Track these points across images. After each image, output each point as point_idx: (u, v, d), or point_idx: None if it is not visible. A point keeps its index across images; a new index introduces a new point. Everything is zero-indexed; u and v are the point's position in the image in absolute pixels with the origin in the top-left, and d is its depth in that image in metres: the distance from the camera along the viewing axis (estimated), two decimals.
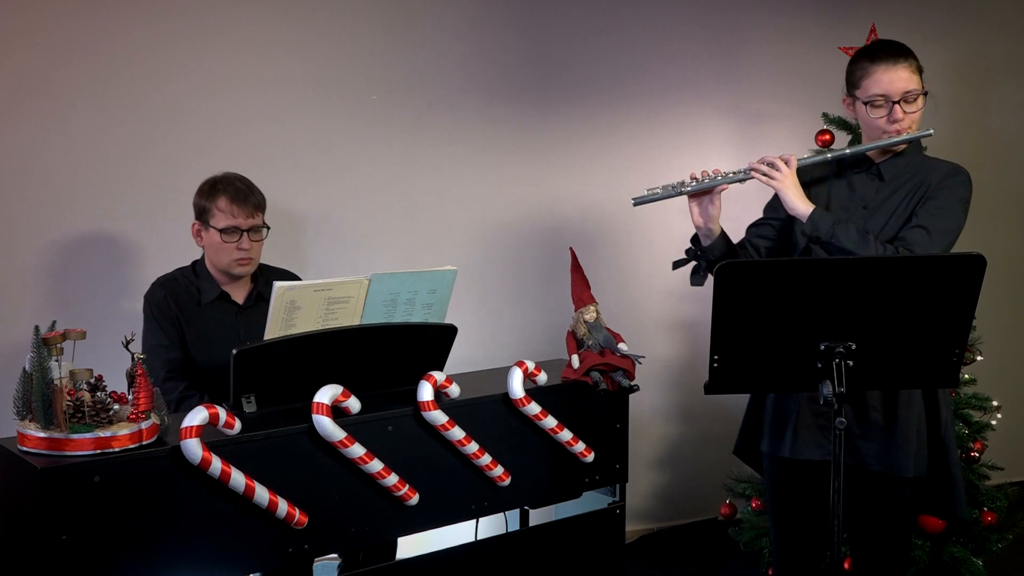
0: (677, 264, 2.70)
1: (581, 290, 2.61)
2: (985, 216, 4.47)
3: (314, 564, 2.83)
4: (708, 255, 2.62)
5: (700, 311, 4.09)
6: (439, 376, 2.28)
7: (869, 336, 2.12)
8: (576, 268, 2.63)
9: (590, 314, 2.57)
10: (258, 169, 3.02)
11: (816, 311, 2.11)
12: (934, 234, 2.40)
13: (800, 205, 2.47)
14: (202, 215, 2.86)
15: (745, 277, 2.09)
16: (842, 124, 3.63)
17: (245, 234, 2.83)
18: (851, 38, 3.68)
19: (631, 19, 4.06)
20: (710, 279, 2.65)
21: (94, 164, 3.29)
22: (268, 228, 2.90)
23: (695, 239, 2.66)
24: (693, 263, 2.67)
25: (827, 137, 3.66)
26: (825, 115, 3.67)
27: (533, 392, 2.41)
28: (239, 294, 2.92)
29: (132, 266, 3.36)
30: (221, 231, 2.81)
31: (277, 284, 2.27)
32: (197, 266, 2.94)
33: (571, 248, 2.69)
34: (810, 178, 2.62)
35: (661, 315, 4.19)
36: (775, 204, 2.67)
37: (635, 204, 2.63)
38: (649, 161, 4.10)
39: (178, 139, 3.39)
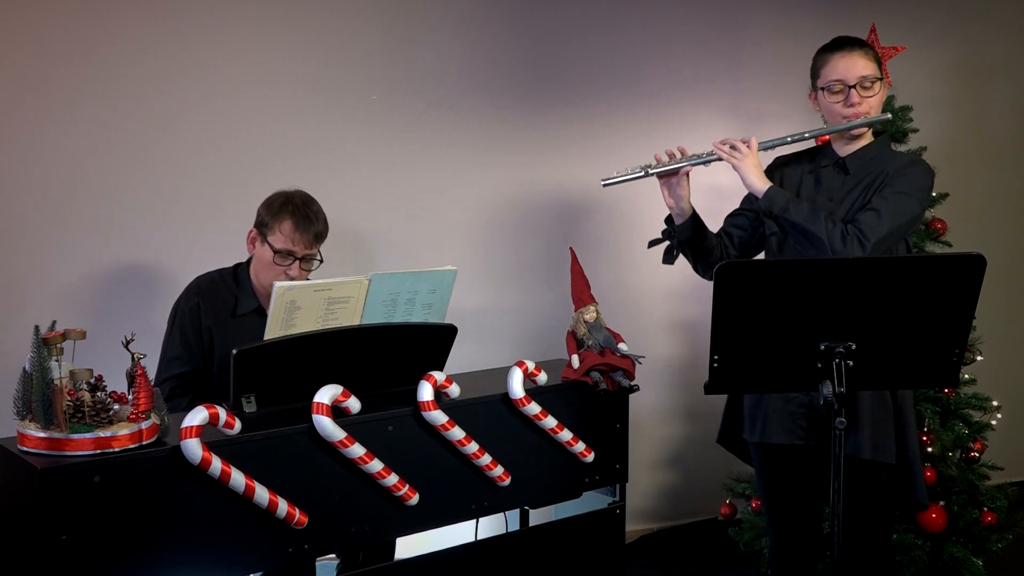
0: (652, 243, 2.80)
1: (581, 290, 2.61)
2: (985, 216, 4.50)
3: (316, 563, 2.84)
4: (679, 235, 2.71)
5: (700, 311, 4.09)
6: (439, 376, 2.28)
7: (869, 336, 2.12)
8: (576, 268, 2.63)
9: (590, 314, 2.57)
10: (258, 170, 3.03)
11: (816, 311, 2.11)
12: (884, 216, 2.47)
13: (757, 183, 2.58)
14: (262, 228, 2.80)
15: (745, 277, 2.09)
16: None
17: (297, 262, 2.78)
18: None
19: (631, 19, 4.06)
20: (683, 261, 2.79)
21: (94, 164, 3.29)
22: (321, 261, 2.85)
23: (669, 219, 2.75)
24: (666, 242, 2.76)
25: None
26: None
27: (533, 392, 2.41)
28: None
29: (133, 266, 3.36)
30: (276, 251, 2.77)
31: (277, 284, 2.27)
32: (239, 271, 2.89)
33: (571, 248, 2.69)
34: (785, 163, 2.74)
35: (661, 315, 4.19)
36: (751, 195, 2.75)
37: (604, 185, 2.74)
38: (649, 161, 4.10)
39: (178, 139, 3.39)
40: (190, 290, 2.84)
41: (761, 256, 2.82)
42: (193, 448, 1.92)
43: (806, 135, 2.69)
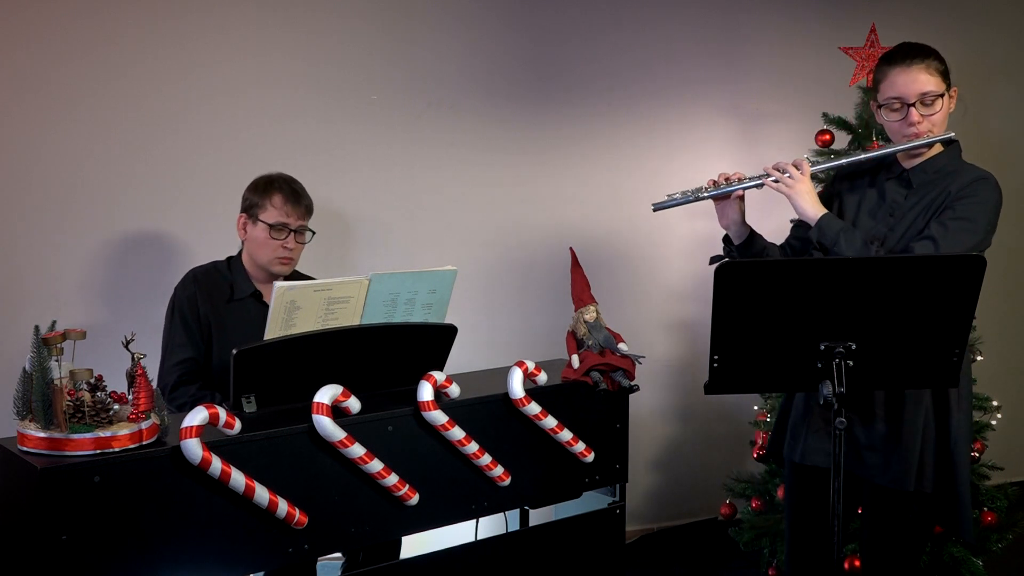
0: (714, 260, 2.65)
1: (581, 290, 2.61)
2: None
3: (317, 564, 2.84)
4: (740, 254, 2.62)
5: (700, 311, 4.09)
6: (439, 376, 2.28)
7: (869, 336, 2.12)
8: (576, 268, 2.63)
9: (590, 314, 2.57)
10: (258, 169, 3.03)
11: (816, 311, 2.11)
12: (941, 246, 2.33)
13: (810, 210, 2.45)
14: (251, 209, 2.88)
15: (745, 277, 2.09)
16: (842, 124, 3.63)
17: (292, 233, 2.86)
18: (851, 38, 3.68)
19: (631, 19, 4.06)
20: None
21: (94, 164, 3.29)
22: (313, 233, 2.93)
23: (727, 239, 2.66)
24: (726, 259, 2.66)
25: (827, 137, 3.66)
26: (825, 115, 3.66)
27: (533, 392, 2.41)
28: (270, 294, 2.87)
29: (133, 266, 3.36)
30: (271, 226, 2.84)
31: (277, 284, 2.27)
32: (232, 261, 2.94)
33: (571, 248, 2.69)
34: (843, 188, 2.60)
35: (661, 315, 4.19)
36: None
37: (655, 210, 2.64)
38: (649, 161, 4.11)
39: (178, 139, 3.39)
40: (186, 280, 2.89)
41: None
42: (193, 448, 1.92)
43: (862, 157, 2.55)
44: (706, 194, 2.56)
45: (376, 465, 2.16)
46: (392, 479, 2.19)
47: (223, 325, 2.83)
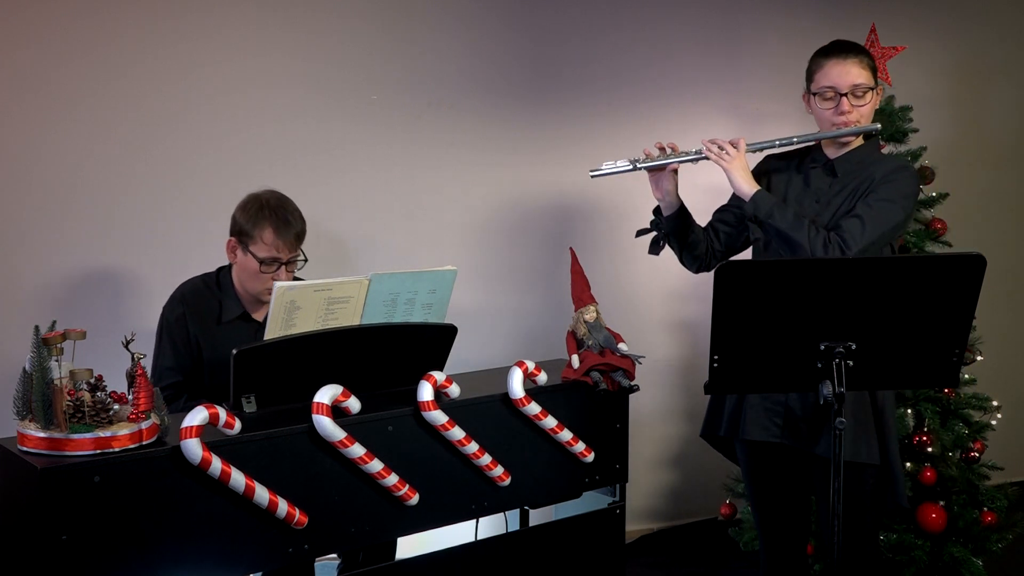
0: (640, 233, 2.80)
1: (581, 290, 2.61)
2: (985, 216, 4.50)
3: (315, 564, 2.84)
4: (665, 226, 2.73)
5: (700, 311, 4.09)
6: (439, 376, 2.28)
7: (869, 336, 2.12)
8: (576, 268, 2.63)
9: (590, 314, 2.57)
10: (258, 169, 3.03)
11: (816, 311, 2.11)
12: (867, 223, 2.46)
13: (744, 186, 2.57)
14: (241, 236, 2.75)
15: (745, 277, 2.09)
16: None
17: (283, 267, 2.74)
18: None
19: (631, 19, 4.06)
20: (669, 252, 2.79)
21: (94, 164, 3.29)
22: (306, 260, 2.82)
23: (657, 210, 2.76)
24: (653, 233, 2.77)
25: None
26: None
27: (533, 392, 2.41)
28: (260, 312, 2.83)
29: (133, 266, 3.36)
30: (261, 261, 2.72)
31: (277, 284, 2.27)
32: (222, 277, 2.86)
33: (571, 248, 2.69)
34: (771, 168, 2.73)
35: (661, 315, 4.19)
36: None
37: (592, 176, 2.77)
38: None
39: (179, 140, 3.39)
40: (174, 299, 2.81)
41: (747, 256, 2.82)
42: (193, 448, 1.92)
43: (794, 140, 2.68)
44: (643, 165, 2.68)
45: (376, 465, 2.16)
46: (392, 479, 2.19)
47: (212, 345, 2.74)
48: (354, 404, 2.17)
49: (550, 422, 2.43)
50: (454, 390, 2.31)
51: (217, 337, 2.76)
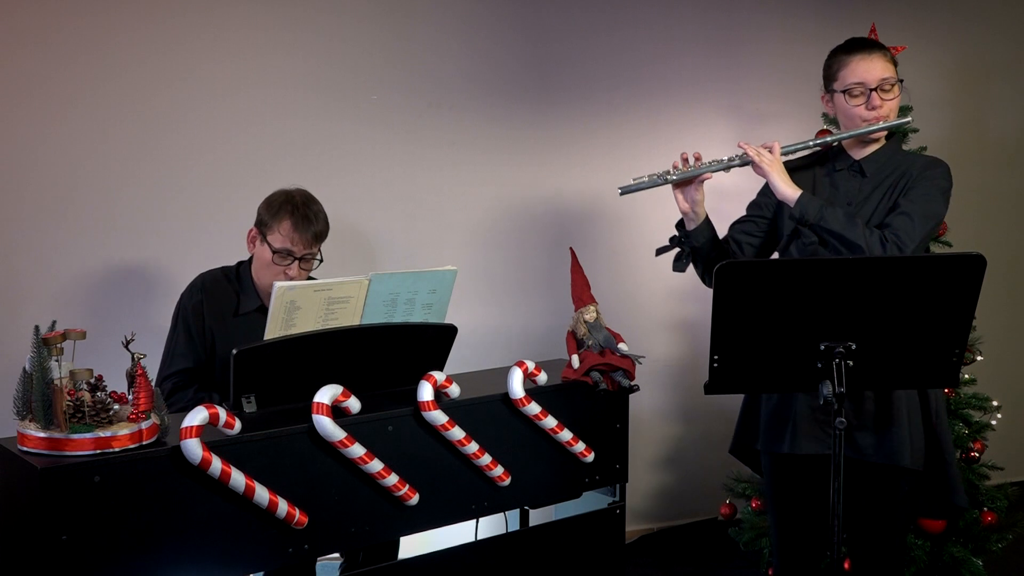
0: (660, 251, 2.72)
1: (581, 290, 2.61)
2: (985, 216, 4.50)
3: (317, 563, 2.84)
4: (692, 240, 2.64)
5: (700, 311, 4.09)
6: (439, 376, 2.28)
7: (869, 336, 2.12)
8: (576, 268, 2.63)
9: (590, 314, 2.57)
10: (258, 170, 3.03)
11: (816, 311, 2.11)
12: (916, 220, 2.44)
13: (787, 189, 2.51)
14: (262, 227, 2.79)
15: (745, 277, 2.09)
16: None
17: (297, 262, 2.77)
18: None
19: (631, 19, 4.06)
20: (691, 269, 2.70)
21: (95, 164, 3.29)
22: (321, 260, 2.83)
23: (680, 224, 2.68)
24: (676, 249, 2.69)
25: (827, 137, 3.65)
26: (825, 115, 3.66)
27: (533, 392, 2.41)
28: None
29: (133, 266, 3.36)
30: (275, 251, 2.75)
31: (277, 284, 2.27)
32: (242, 270, 2.87)
33: (571, 248, 2.69)
34: (793, 168, 2.65)
35: (661, 315, 4.19)
36: (760, 202, 2.72)
37: (621, 193, 2.66)
38: (649, 161, 4.07)
39: (179, 139, 3.39)
40: (194, 287, 2.83)
41: None
42: (193, 448, 1.92)
43: (830, 140, 2.61)
44: (674, 177, 2.60)
45: (376, 465, 2.16)
46: (392, 479, 2.19)
47: (227, 338, 2.75)
48: (354, 404, 2.17)
49: (550, 422, 2.43)
50: (454, 390, 2.31)
51: (232, 329, 2.78)
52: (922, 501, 2.63)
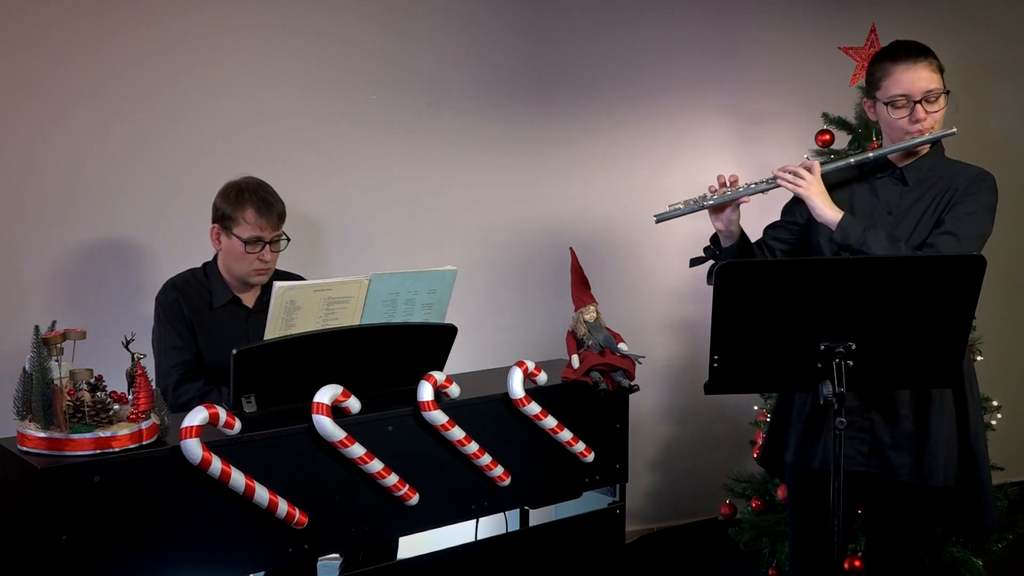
0: (695, 262, 2.66)
1: (581, 290, 2.61)
2: None
3: (318, 563, 2.84)
4: (728, 255, 2.58)
5: (700, 311, 4.09)
6: (439, 376, 2.28)
7: (869, 336, 2.12)
8: (576, 268, 2.63)
9: (590, 314, 2.57)
10: (258, 170, 3.02)
11: (816, 311, 2.11)
12: (964, 240, 2.37)
13: (828, 212, 2.43)
14: (224, 221, 2.83)
15: (745, 277, 2.09)
16: (842, 124, 3.63)
17: (267, 246, 2.82)
18: (851, 38, 3.68)
19: (631, 19, 4.06)
20: None
21: (94, 164, 3.29)
22: (288, 240, 2.89)
23: (715, 238, 2.62)
24: (711, 262, 2.63)
25: (827, 137, 3.66)
26: (825, 115, 3.66)
27: (533, 392, 2.41)
28: (249, 298, 2.91)
29: (133, 266, 3.36)
30: (245, 241, 2.80)
31: (277, 284, 2.27)
32: (208, 268, 2.92)
33: (571, 248, 2.69)
34: (831, 182, 2.56)
35: (661, 315, 4.19)
36: (792, 207, 2.65)
37: (657, 221, 2.60)
38: (649, 161, 4.11)
39: (179, 139, 3.39)
40: (166, 287, 2.88)
41: None
42: (193, 448, 1.92)
43: (870, 156, 2.53)
44: (710, 202, 2.51)
45: (376, 465, 2.16)
46: (392, 479, 2.19)
47: (206, 331, 2.82)
48: (354, 404, 2.17)
49: (550, 422, 2.42)
50: (454, 390, 2.31)
51: (209, 322, 2.84)
52: (950, 518, 2.58)
